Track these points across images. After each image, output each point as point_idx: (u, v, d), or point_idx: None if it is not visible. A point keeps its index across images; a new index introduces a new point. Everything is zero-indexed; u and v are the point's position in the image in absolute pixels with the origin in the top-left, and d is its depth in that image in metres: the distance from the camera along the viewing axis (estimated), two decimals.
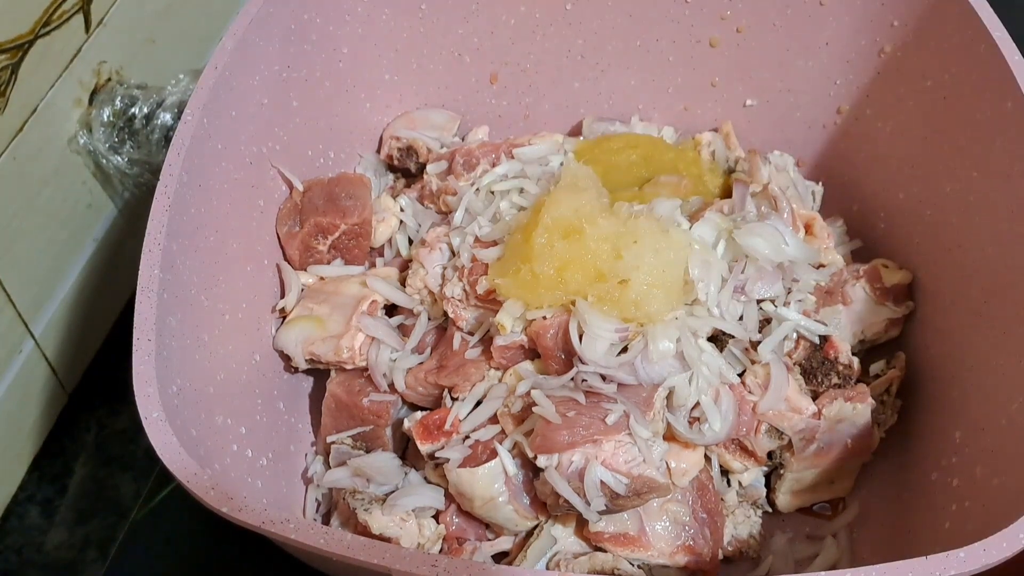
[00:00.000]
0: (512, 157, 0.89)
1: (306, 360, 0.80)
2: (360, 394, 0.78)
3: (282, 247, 0.85)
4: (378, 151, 0.98)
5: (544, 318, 0.73)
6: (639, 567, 0.71)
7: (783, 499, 0.78)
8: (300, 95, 0.86)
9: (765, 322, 0.78)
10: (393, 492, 0.74)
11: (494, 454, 0.71)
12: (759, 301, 0.77)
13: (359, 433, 0.78)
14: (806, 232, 0.85)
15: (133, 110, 0.90)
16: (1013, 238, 0.70)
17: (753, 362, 0.75)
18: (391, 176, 0.98)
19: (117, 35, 0.91)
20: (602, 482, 0.67)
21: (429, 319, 0.81)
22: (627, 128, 0.96)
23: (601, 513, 0.69)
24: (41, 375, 0.90)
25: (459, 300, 0.77)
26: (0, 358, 0.84)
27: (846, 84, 0.89)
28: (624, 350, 0.71)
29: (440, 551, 0.73)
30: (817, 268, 0.82)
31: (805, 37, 0.88)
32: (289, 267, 0.84)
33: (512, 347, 0.74)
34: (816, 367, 0.78)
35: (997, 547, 0.52)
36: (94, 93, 0.90)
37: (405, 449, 0.80)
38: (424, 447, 0.73)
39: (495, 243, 0.77)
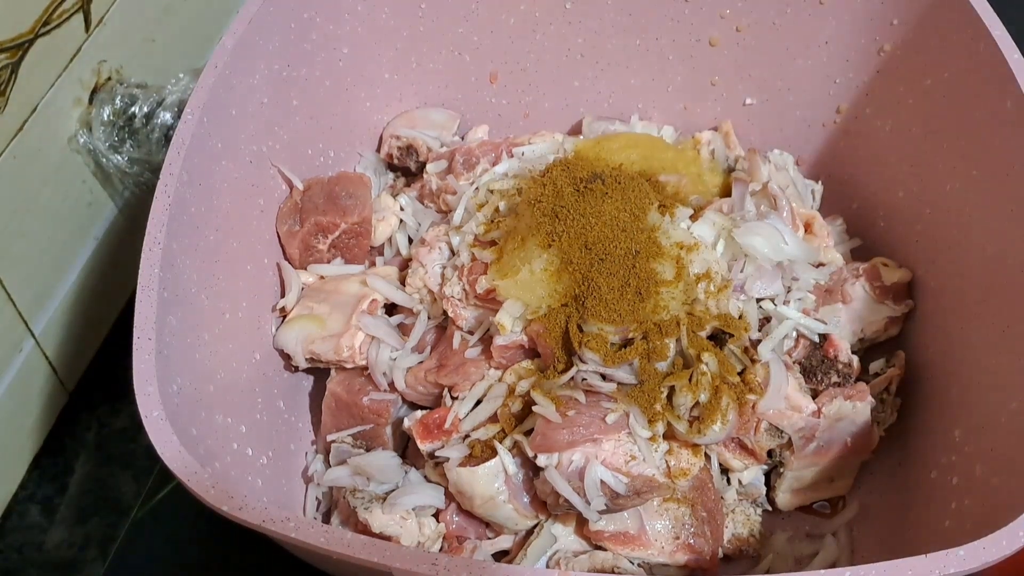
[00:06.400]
0: (512, 156, 0.89)
1: (306, 359, 0.80)
2: (360, 393, 0.78)
3: (282, 246, 0.85)
4: (378, 150, 0.98)
5: (544, 317, 0.73)
6: (639, 566, 0.71)
7: (783, 497, 0.78)
8: (300, 94, 0.86)
9: (764, 321, 0.78)
10: (393, 491, 0.74)
11: (494, 453, 0.71)
12: (758, 300, 0.78)
13: (359, 432, 0.78)
14: (805, 231, 0.85)
15: (133, 109, 0.90)
16: (1013, 237, 0.70)
17: (753, 361, 0.75)
18: (391, 175, 0.98)
19: (117, 34, 0.91)
20: (602, 481, 0.67)
21: (429, 318, 0.81)
22: (627, 127, 0.96)
23: (601, 512, 0.69)
24: (41, 374, 0.90)
25: (458, 299, 0.77)
26: (0, 357, 0.84)
27: (846, 83, 0.89)
28: (624, 349, 0.71)
29: (440, 550, 0.73)
30: (816, 267, 0.82)
31: (805, 36, 0.88)
32: (289, 266, 0.84)
33: (512, 347, 0.74)
34: (816, 365, 0.78)
35: (997, 545, 0.52)
36: (94, 92, 0.90)
37: (405, 448, 0.80)
38: (424, 446, 0.73)
39: (494, 243, 0.77)
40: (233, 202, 0.77)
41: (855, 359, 0.78)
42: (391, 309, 0.84)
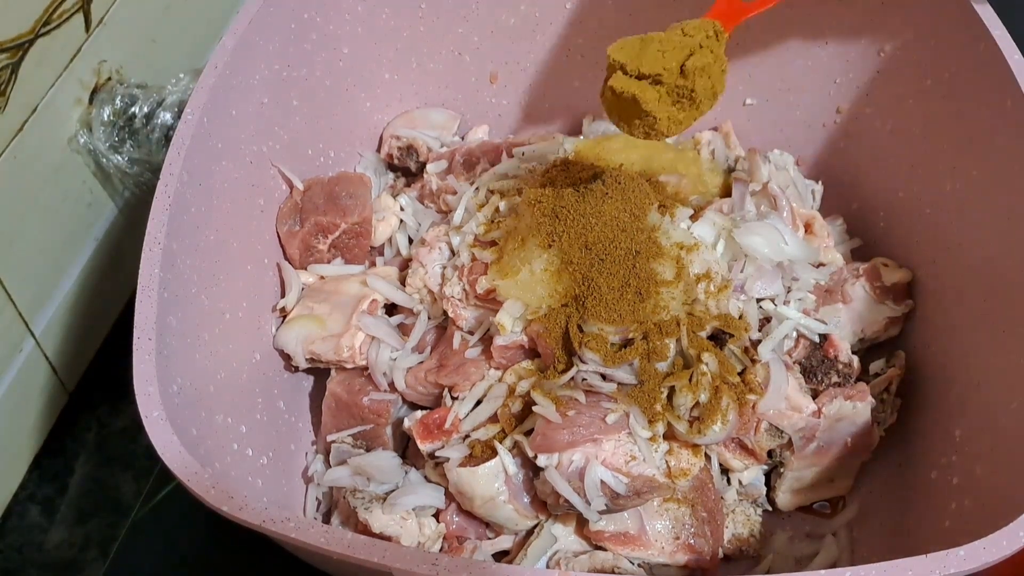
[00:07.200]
0: (512, 156, 0.89)
1: (306, 359, 0.80)
2: (360, 393, 0.78)
3: (282, 246, 0.85)
4: (378, 150, 0.98)
5: (544, 317, 0.73)
6: (639, 566, 0.71)
7: (783, 497, 0.78)
8: (300, 94, 0.86)
9: (765, 321, 0.78)
10: (393, 491, 0.74)
11: (494, 453, 0.71)
12: (759, 300, 0.78)
13: (359, 432, 0.78)
14: (806, 231, 0.85)
15: (133, 109, 0.90)
16: (1013, 237, 0.70)
17: (753, 361, 0.75)
18: (391, 175, 0.98)
19: (117, 34, 0.91)
20: (602, 481, 0.67)
21: (429, 318, 0.81)
22: None
23: (601, 512, 0.69)
24: (42, 374, 0.90)
25: (459, 299, 0.77)
26: (0, 357, 0.84)
27: (846, 83, 0.89)
28: (624, 349, 0.71)
29: (440, 550, 0.73)
30: (817, 267, 0.82)
31: (805, 36, 0.88)
32: (289, 266, 0.84)
33: (512, 347, 0.74)
34: (816, 366, 0.78)
35: (997, 545, 0.52)
36: (94, 92, 0.90)
37: (405, 448, 0.80)
38: (424, 446, 0.73)
39: (494, 243, 0.77)
40: (233, 202, 0.77)
41: (855, 359, 0.78)
42: (391, 309, 0.84)
